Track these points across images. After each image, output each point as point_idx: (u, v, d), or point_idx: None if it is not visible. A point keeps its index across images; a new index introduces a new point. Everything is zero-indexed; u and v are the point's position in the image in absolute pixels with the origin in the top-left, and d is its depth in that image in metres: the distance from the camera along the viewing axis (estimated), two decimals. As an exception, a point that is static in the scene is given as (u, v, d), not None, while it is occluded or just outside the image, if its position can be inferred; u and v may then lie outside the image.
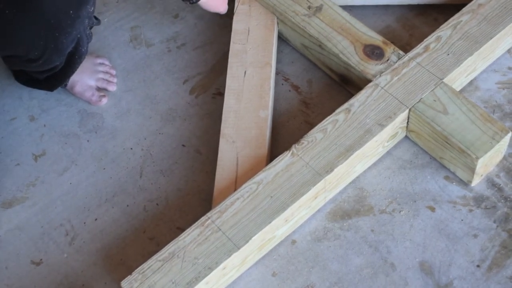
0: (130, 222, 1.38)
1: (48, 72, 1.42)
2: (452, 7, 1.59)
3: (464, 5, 1.51)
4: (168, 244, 1.24)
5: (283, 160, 1.31)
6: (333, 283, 1.27)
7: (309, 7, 1.55)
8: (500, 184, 1.36)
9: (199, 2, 1.47)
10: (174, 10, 1.72)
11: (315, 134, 1.34)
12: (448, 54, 1.43)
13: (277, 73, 1.57)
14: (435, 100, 1.36)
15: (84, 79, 1.54)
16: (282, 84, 1.56)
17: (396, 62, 1.43)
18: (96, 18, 1.49)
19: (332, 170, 1.29)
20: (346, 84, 1.51)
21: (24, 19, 1.23)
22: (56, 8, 1.24)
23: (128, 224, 1.38)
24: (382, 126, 1.34)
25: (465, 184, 1.37)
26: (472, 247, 1.29)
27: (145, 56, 1.64)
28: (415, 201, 1.35)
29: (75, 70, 1.46)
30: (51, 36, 1.28)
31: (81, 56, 1.43)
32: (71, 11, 1.27)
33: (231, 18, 1.60)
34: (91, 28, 1.46)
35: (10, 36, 1.25)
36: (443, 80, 1.39)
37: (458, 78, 1.44)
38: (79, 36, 1.37)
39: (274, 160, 1.32)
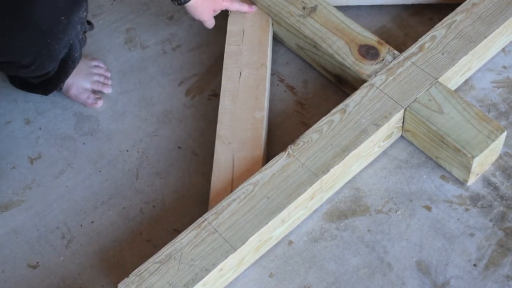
0: (127, 224, 1.38)
1: (42, 77, 1.42)
2: (447, 7, 1.59)
3: (458, 4, 1.52)
4: (165, 246, 1.23)
5: (279, 161, 1.31)
6: (330, 284, 1.27)
7: (303, 8, 1.55)
8: (496, 183, 1.36)
9: (186, 5, 1.45)
10: (169, 11, 1.72)
11: (311, 134, 1.34)
12: (443, 54, 1.43)
13: (272, 74, 1.57)
14: (430, 100, 1.36)
15: (79, 81, 1.54)
16: (278, 85, 1.56)
17: (391, 62, 1.43)
18: (89, 23, 1.49)
19: (328, 170, 1.29)
20: (342, 84, 1.51)
21: (16, 26, 1.22)
22: (48, 14, 1.23)
23: (124, 226, 1.38)
24: (377, 126, 1.34)
25: (461, 183, 1.37)
26: (469, 246, 1.29)
27: (140, 58, 1.64)
28: (411, 201, 1.35)
29: (69, 74, 1.45)
30: (43, 42, 1.28)
31: (75, 61, 1.43)
32: (63, 17, 1.27)
33: (226, 20, 1.60)
34: (84, 33, 1.45)
35: (1, 43, 1.25)
36: (438, 80, 1.39)
37: (453, 78, 1.44)
38: (71, 41, 1.37)
39: (270, 161, 1.31)
